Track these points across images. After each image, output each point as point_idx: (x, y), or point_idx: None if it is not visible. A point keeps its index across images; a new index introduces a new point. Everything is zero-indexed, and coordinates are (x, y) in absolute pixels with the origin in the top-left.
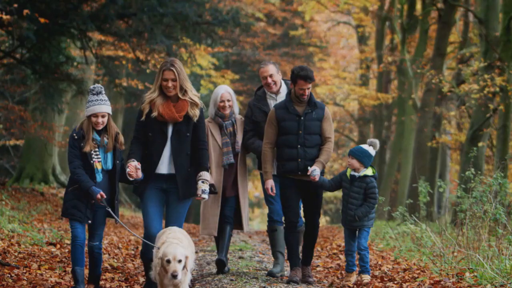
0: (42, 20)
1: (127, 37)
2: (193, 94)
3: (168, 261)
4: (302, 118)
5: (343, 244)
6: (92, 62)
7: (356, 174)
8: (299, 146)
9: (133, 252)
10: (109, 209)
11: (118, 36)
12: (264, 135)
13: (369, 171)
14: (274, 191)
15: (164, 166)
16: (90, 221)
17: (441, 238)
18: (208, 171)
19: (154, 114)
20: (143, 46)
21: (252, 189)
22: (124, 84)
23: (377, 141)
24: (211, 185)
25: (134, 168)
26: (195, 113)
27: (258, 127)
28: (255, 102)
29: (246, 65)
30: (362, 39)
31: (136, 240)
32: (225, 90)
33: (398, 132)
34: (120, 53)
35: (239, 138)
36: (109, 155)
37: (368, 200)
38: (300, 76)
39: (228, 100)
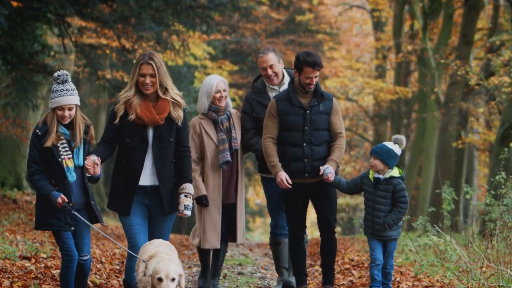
0: (14, 3)
1: (111, 23)
2: (174, 92)
3: (160, 279)
4: (307, 111)
5: (356, 257)
6: (71, 52)
7: (380, 176)
8: (305, 144)
9: (118, 267)
10: (77, 214)
11: (101, 22)
12: (264, 129)
13: (395, 172)
14: (290, 182)
15: (146, 177)
16: (72, 228)
17: (468, 251)
18: (191, 183)
19: (132, 117)
20: (130, 33)
21: (253, 195)
22: (108, 76)
23: (403, 138)
24: (202, 197)
25: (91, 162)
26: (179, 114)
27: (260, 124)
28: (254, 96)
29: (246, 54)
30: (378, 25)
31: (122, 254)
32: (219, 79)
33: (418, 131)
34: (103, 41)
35: (237, 134)
36: (81, 150)
37: (398, 205)
38: (307, 63)
39: (224, 90)
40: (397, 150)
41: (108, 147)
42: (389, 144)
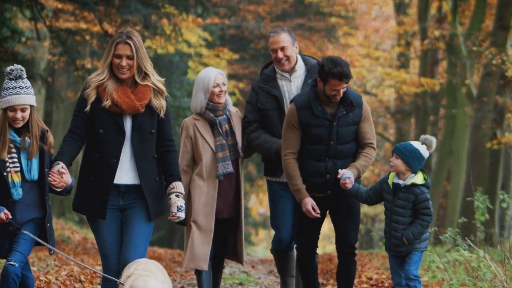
0: None
1: (92, 5)
2: (156, 79)
3: None
4: (334, 123)
5: (375, 276)
6: (45, 38)
7: (400, 182)
8: (327, 158)
9: (99, 287)
10: (27, 232)
11: (79, 4)
12: (283, 143)
13: (418, 178)
14: (318, 211)
15: (121, 175)
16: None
17: (504, 268)
18: (181, 181)
19: (106, 103)
20: (113, 17)
21: (255, 204)
22: (88, 66)
23: (433, 139)
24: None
25: (57, 174)
26: (161, 103)
27: (265, 116)
28: (261, 83)
29: (248, 41)
30: (400, 7)
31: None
32: (217, 72)
33: (447, 130)
34: (83, 26)
35: (238, 137)
36: (35, 162)
37: (420, 217)
38: (333, 75)
39: (224, 84)
40: (424, 151)
41: (78, 141)
42: (415, 144)
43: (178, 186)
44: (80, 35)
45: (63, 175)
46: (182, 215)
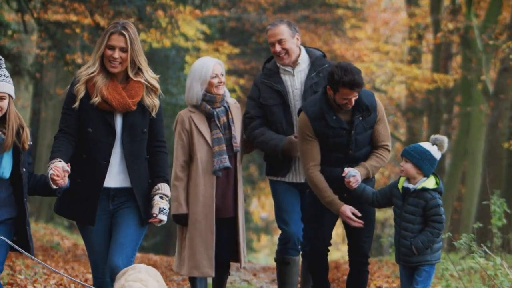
0: None
1: None
2: (150, 75)
3: None
4: (352, 132)
5: (385, 285)
6: (33, 31)
7: (410, 186)
8: (346, 164)
9: None
10: (4, 238)
11: None
12: (302, 157)
13: (430, 182)
14: (359, 214)
15: (111, 177)
16: None
17: None
18: (168, 184)
19: (96, 99)
20: (105, 8)
21: (257, 208)
22: (79, 61)
23: (444, 139)
24: (182, 216)
25: (61, 170)
26: (154, 102)
27: (268, 113)
28: (263, 78)
29: (249, 34)
30: None
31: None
32: (215, 61)
33: (462, 129)
34: (73, 18)
35: (237, 131)
36: (6, 158)
37: (430, 225)
38: (343, 84)
39: (222, 74)
40: (435, 152)
41: (71, 141)
42: (425, 145)
43: (164, 188)
44: (70, 28)
45: (66, 173)
46: (164, 218)
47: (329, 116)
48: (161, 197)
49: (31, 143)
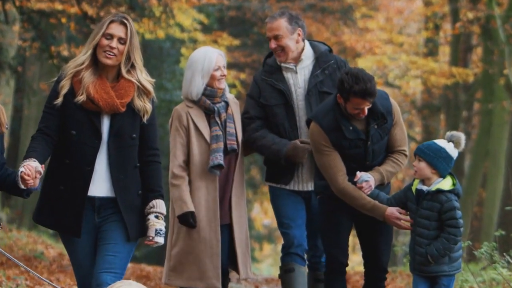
0: None
1: None
2: (144, 77)
3: None
4: (369, 142)
5: None
6: (14, 21)
7: (424, 188)
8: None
9: None
10: None
11: None
12: (327, 171)
13: (445, 183)
14: (410, 220)
15: (96, 185)
16: None
17: None
18: (163, 200)
19: (80, 97)
20: None
21: (259, 214)
22: (64, 53)
23: (461, 135)
24: (189, 214)
25: (33, 170)
26: (145, 106)
27: (270, 114)
28: (264, 75)
29: (250, 24)
30: None
31: None
32: (217, 52)
33: (483, 128)
34: (58, 7)
35: (237, 128)
36: None
37: (446, 230)
38: (354, 93)
39: (224, 67)
40: (451, 150)
41: (49, 143)
42: (440, 142)
43: (159, 205)
44: (55, 17)
45: (38, 174)
46: (161, 240)
47: (346, 127)
48: (156, 217)
49: (8, 127)
